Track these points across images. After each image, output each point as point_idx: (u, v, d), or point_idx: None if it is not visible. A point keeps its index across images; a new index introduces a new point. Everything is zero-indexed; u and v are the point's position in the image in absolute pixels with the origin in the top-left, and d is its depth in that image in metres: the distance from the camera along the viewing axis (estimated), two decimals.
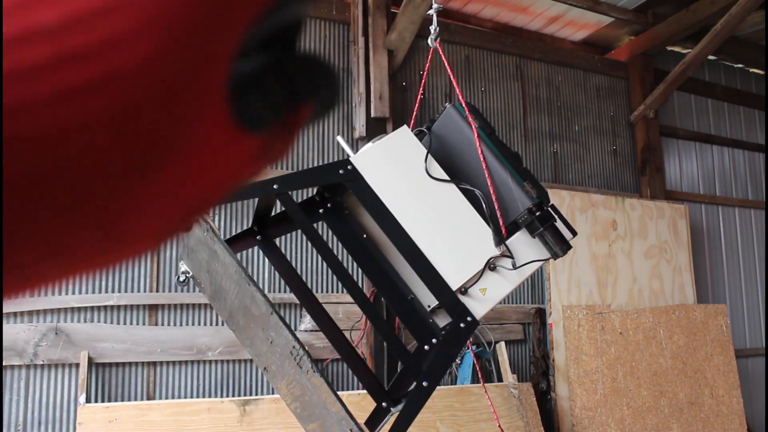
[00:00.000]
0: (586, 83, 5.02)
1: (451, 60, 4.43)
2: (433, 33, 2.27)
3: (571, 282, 4.13)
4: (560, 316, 4.02)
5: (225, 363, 3.47)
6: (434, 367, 1.59)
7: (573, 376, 3.90)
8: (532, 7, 4.68)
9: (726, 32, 4.40)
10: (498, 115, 4.55)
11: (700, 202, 5.31)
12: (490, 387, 3.40)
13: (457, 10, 4.65)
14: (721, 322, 4.50)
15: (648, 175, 4.99)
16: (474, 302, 1.68)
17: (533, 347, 4.14)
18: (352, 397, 3.11)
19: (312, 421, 1.35)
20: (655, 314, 4.24)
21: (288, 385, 1.36)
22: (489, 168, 1.83)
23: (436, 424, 3.25)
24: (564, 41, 5.15)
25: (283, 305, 3.59)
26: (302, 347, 1.44)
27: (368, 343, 3.63)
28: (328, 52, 4.04)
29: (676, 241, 4.62)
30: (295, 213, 1.79)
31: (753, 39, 5.49)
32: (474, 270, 1.71)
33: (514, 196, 1.79)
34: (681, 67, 4.72)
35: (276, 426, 2.97)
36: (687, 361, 4.25)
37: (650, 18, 4.95)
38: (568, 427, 3.86)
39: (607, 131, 5.03)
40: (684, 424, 4.10)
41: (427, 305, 1.86)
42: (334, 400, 1.37)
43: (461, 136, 1.93)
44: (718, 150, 5.61)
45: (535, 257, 1.75)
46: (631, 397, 3.99)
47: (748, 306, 5.42)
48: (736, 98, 5.78)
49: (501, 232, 1.77)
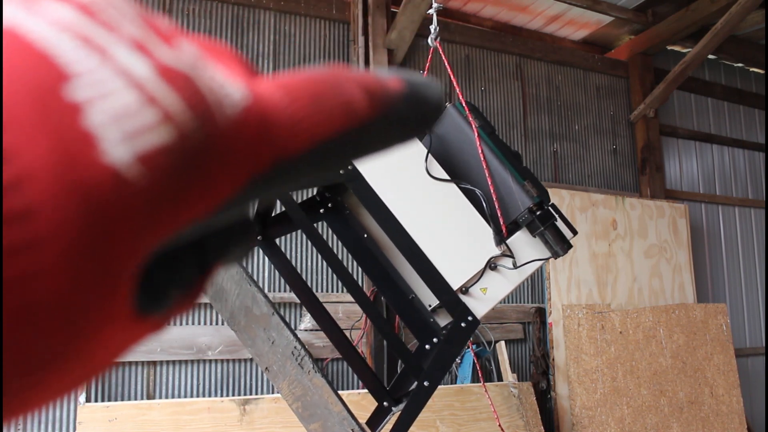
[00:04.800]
0: (586, 82, 5.02)
1: (451, 59, 4.43)
2: (433, 32, 2.27)
3: (571, 281, 4.13)
4: (560, 316, 4.02)
5: (225, 362, 3.47)
6: (435, 367, 1.59)
7: (573, 376, 3.90)
8: (531, 6, 4.68)
9: (726, 31, 4.40)
10: (498, 114, 4.55)
11: (700, 201, 5.32)
12: (490, 386, 3.40)
13: (457, 9, 4.65)
14: (721, 321, 4.50)
15: (648, 174, 4.99)
16: (475, 302, 1.68)
17: (533, 346, 4.15)
18: (353, 396, 3.11)
19: (314, 421, 1.35)
20: (655, 313, 4.24)
21: (290, 386, 1.36)
22: (489, 167, 1.83)
23: (436, 423, 3.25)
24: (564, 40, 5.15)
25: (284, 304, 3.59)
26: (303, 347, 1.44)
27: (368, 343, 3.63)
28: (327, 51, 4.04)
29: (676, 241, 4.62)
30: (295, 213, 1.79)
31: (753, 38, 5.49)
32: (475, 269, 1.71)
33: (515, 196, 1.78)
34: (681, 67, 4.72)
35: (276, 425, 2.97)
36: (687, 360, 4.25)
37: (650, 17, 4.95)
38: (568, 426, 3.87)
39: (607, 130, 5.03)
40: (684, 423, 4.10)
41: (428, 305, 1.86)
42: (336, 400, 1.37)
43: (462, 136, 1.93)
44: (718, 149, 5.61)
45: (536, 256, 1.75)
46: (631, 396, 3.99)
47: (748, 305, 5.42)
48: (736, 97, 5.77)
49: (502, 232, 1.77)
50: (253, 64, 0.35)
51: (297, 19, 3.99)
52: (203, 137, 0.17)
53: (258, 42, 3.86)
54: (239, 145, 0.18)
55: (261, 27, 3.89)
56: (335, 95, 0.20)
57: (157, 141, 0.16)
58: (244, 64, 0.21)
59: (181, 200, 0.17)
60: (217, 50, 0.21)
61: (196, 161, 0.17)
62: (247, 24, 3.85)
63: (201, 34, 0.28)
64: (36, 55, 0.15)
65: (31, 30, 0.16)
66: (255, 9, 3.87)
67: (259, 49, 3.86)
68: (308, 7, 3.98)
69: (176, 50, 0.18)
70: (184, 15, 3.69)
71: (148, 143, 0.16)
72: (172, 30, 0.19)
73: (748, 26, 5.11)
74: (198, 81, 0.18)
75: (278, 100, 0.19)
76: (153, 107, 0.16)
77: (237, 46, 3.80)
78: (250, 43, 3.84)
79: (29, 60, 0.15)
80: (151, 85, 0.17)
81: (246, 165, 0.19)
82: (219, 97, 0.18)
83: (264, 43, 3.88)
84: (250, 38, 3.85)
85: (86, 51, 0.16)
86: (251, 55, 3.83)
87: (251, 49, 3.84)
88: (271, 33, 3.91)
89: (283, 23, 3.95)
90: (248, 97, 0.19)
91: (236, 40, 3.81)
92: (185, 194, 0.17)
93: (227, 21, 3.80)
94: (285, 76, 0.21)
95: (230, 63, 0.20)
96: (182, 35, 0.19)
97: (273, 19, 3.92)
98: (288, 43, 3.94)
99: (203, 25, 3.73)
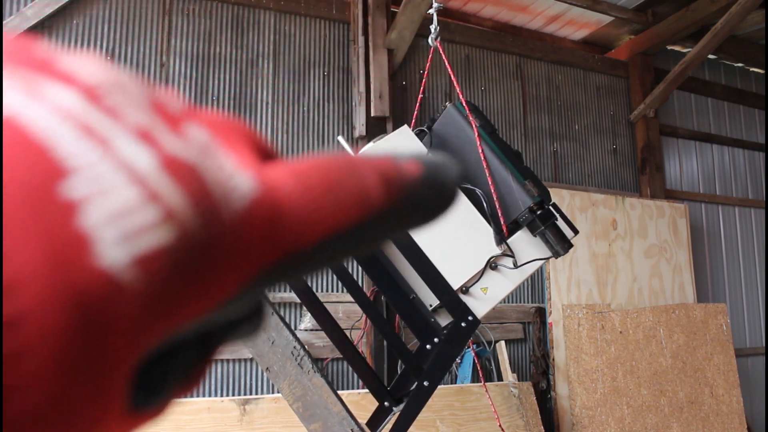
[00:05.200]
0: (586, 82, 5.03)
1: (451, 59, 4.43)
2: (434, 32, 2.27)
3: (571, 281, 4.13)
4: (560, 316, 4.02)
5: (225, 362, 3.47)
6: (435, 367, 1.59)
7: (573, 375, 3.90)
8: (532, 6, 4.68)
9: (726, 31, 4.40)
10: (498, 114, 4.55)
11: (700, 201, 5.32)
12: (490, 386, 3.40)
13: (457, 9, 4.65)
14: (721, 321, 4.50)
15: (648, 174, 4.99)
16: (475, 301, 1.68)
17: (533, 346, 4.15)
18: (353, 396, 3.11)
19: (314, 421, 1.35)
20: (655, 313, 4.24)
21: (290, 386, 1.36)
22: (490, 167, 1.83)
23: (436, 423, 3.25)
24: (564, 40, 5.15)
25: (284, 304, 3.59)
26: (303, 347, 1.44)
27: (368, 342, 3.63)
28: (327, 51, 4.04)
29: (676, 241, 4.62)
30: None
31: (753, 38, 5.49)
32: (475, 269, 1.71)
33: (515, 195, 1.78)
34: (681, 67, 4.72)
35: (276, 425, 2.97)
36: (687, 360, 4.25)
37: (650, 17, 4.95)
38: (568, 426, 3.87)
39: (607, 130, 5.03)
40: (684, 423, 4.10)
41: (429, 304, 1.86)
42: (335, 400, 1.37)
43: (462, 135, 1.93)
44: (718, 149, 5.61)
45: (537, 256, 1.75)
46: (631, 396, 3.99)
47: (748, 305, 5.42)
48: (736, 97, 5.77)
49: (502, 231, 1.77)
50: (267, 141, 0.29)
51: (297, 19, 3.99)
52: (208, 235, 0.16)
53: (258, 42, 3.86)
54: (246, 240, 0.17)
55: (261, 27, 3.89)
56: (350, 184, 0.19)
57: (157, 241, 0.15)
58: (256, 143, 0.20)
59: (181, 302, 0.16)
60: (228, 129, 0.20)
61: (199, 261, 0.16)
62: (247, 24, 3.85)
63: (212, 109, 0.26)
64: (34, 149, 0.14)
65: (32, 119, 0.15)
66: (255, 9, 3.87)
67: (259, 49, 3.86)
68: (308, 7, 3.98)
69: (184, 136, 0.17)
70: (184, 15, 3.69)
71: (148, 244, 0.15)
72: (181, 109, 0.18)
73: (748, 26, 5.11)
74: (205, 172, 0.17)
75: (290, 189, 0.18)
76: (154, 204, 0.15)
77: (237, 46, 3.80)
78: (250, 43, 3.84)
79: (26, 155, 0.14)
80: (154, 179, 0.16)
81: (253, 260, 0.17)
82: (227, 189, 0.17)
83: (264, 43, 3.88)
84: (250, 38, 3.85)
85: (87, 143, 0.15)
86: (251, 55, 3.84)
87: (251, 49, 3.84)
88: (271, 33, 3.91)
89: (283, 23, 3.95)
90: (258, 187, 0.18)
91: (236, 40, 3.81)
92: (185, 295, 0.16)
93: (227, 21, 3.80)
94: (297, 161, 0.20)
95: (242, 145, 0.19)
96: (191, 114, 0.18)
97: (273, 19, 3.92)
98: (288, 43, 3.94)
99: (203, 25, 3.73)
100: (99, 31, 3.48)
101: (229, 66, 3.76)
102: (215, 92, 3.70)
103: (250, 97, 3.79)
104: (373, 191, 0.19)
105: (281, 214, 0.18)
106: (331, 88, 4.01)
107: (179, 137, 0.17)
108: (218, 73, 3.73)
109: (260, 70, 3.84)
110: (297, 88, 3.91)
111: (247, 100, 3.77)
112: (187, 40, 3.68)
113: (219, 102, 3.70)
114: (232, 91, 3.75)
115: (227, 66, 3.76)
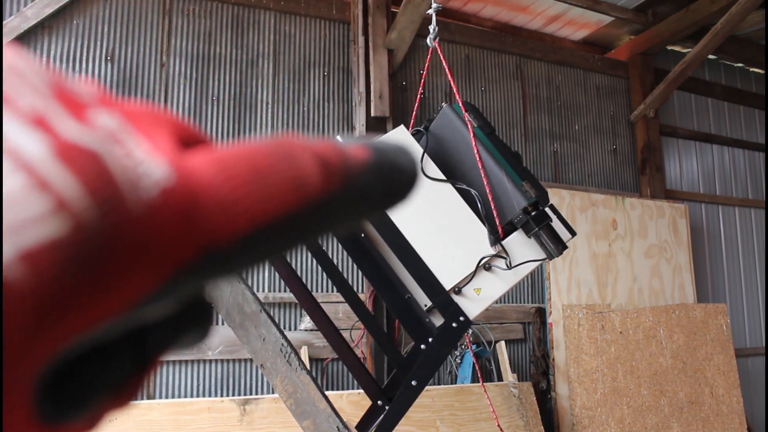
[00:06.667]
0: (586, 82, 5.03)
1: (451, 59, 4.43)
2: (432, 33, 2.27)
3: (571, 281, 4.13)
4: (560, 316, 4.02)
5: (225, 362, 3.48)
6: (423, 367, 1.60)
7: (573, 376, 3.90)
8: (532, 7, 4.68)
9: (726, 31, 4.40)
10: (498, 114, 4.55)
11: (700, 201, 5.31)
12: (490, 386, 3.41)
13: (457, 10, 4.66)
14: (721, 321, 4.50)
15: (648, 174, 4.99)
16: (468, 302, 1.68)
17: (533, 346, 4.15)
18: (353, 396, 3.11)
19: (305, 418, 1.36)
20: (655, 313, 4.24)
21: (282, 382, 1.37)
22: (485, 168, 1.83)
23: (435, 423, 3.26)
24: (564, 40, 5.15)
25: (284, 305, 3.60)
26: (290, 345, 1.46)
27: (368, 343, 3.63)
28: (327, 51, 4.04)
29: (676, 241, 4.62)
30: None
31: (753, 38, 5.48)
32: (468, 270, 1.71)
33: (510, 196, 1.79)
34: (681, 67, 4.72)
35: (276, 425, 2.98)
36: (687, 360, 4.25)
37: (650, 17, 4.95)
38: (568, 426, 3.87)
39: (607, 130, 5.03)
40: (684, 423, 4.10)
41: (424, 305, 1.86)
42: (321, 397, 1.38)
43: (458, 136, 1.93)
44: (718, 149, 5.61)
45: (531, 257, 1.75)
46: (631, 396, 3.99)
47: (748, 305, 5.41)
48: (736, 97, 5.77)
49: (497, 232, 1.77)
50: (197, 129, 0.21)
51: (297, 19, 3.99)
52: (108, 227, 0.15)
53: (258, 42, 3.87)
54: (158, 232, 0.16)
55: (261, 27, 3.89)
56: (281, 170, 0.18)
57: (46, 234, 0.14)
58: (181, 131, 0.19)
59: (81, 301, 0.14)
60: (145, 117, 0.18)
61: (99, 256, 0.14)
62: (247, 24, 3.86)
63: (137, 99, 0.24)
64: None
65: None
66: (255, 9, 3.88)
67: (259, 49, 3.87)
68: (308, 7, 3.99)
69: (87, 123, 0.16)
70: (184, 15, 3.70)
71: (35, 237, 0.14)
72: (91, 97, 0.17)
73: (748, 26, 5.11)
74: (108, 159, 0.15)
75: (211, 177, 0.17)
76: (43, 193, 0.14)
77: (237, 46, 3.81)
78: (250, 43, 3.85)
79: None
80: (44, 166, 0.14)
81: (168, 255, 0.16)
82: (133, 177, 0.15)
83: (264, 43, 3.89)
84: (250, 38, 3.86)
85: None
86: (251, 55, 3.84)
87: (251, 49, 3.85)
88: (271, 33, 3.92)
89: (283, 23, 3.95)
90: (173, 175, 0.16)
91: (236, 40, 3.82)
92: (87, 294, 0.14)
93: (227, 21, 3.81)
94: (224, 148, 0.18)
95: (160, 132, 0.18)
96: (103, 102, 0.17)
97: (273, 19, 3.93)
98: (288, 43, 3.95)
99: (203, 25, 3.74)
100: (99, 31, 3.49)
101: (229, 66, 3.77)
102: (215, 92, 3.71)
103: (250, 97, 3.79)
104: (310, 178, 0.18)
105: (199, 203, 0.16)
106: (331, 88, 4.01)
107: (81, 124, 0.16)
108: (218, 73, 3.74)
109: (260, 70, 3.85)
110: (297, 88, 3.92)
111: (247, 100, 3.78)
112: (187, 40, 3.69)
113: (219, 102, 3.71)
114: (232, 91, 3.76)
115: (227, 66, 3.77)
